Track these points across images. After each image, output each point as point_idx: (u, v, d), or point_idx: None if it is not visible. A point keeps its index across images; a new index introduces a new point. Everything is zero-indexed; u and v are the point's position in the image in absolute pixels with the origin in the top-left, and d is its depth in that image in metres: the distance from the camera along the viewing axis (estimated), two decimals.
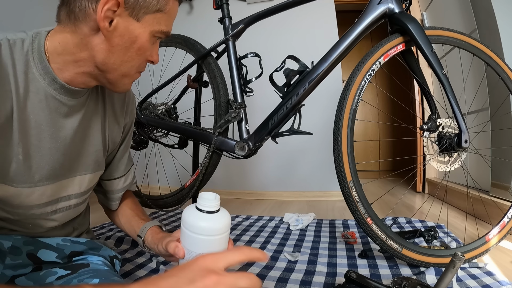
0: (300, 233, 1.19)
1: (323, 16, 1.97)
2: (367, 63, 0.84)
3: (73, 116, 0.52)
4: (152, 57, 0.52)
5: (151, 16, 0.47)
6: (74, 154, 0.54)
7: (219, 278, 0.33)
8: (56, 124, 0.49)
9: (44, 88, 0.46)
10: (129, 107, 0.67)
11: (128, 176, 0.72)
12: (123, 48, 0.47)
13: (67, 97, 0.49)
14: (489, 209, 1.21)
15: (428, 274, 0.75)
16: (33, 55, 0.45)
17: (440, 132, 0.86)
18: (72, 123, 0.52)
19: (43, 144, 0.48)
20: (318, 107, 1.87)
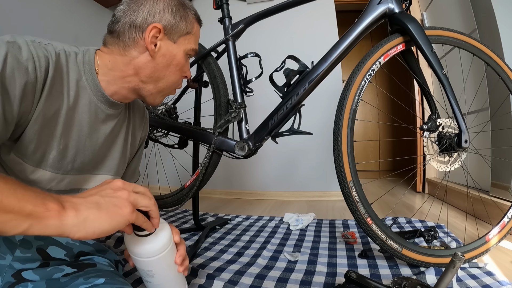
0: (300, 233, 1.19)
1: (323, 16, 1.97)
2: (367, 63, 0.84)
3: (107, 123, 0.61)
4: (186, 73, 0.65)
5: (183, 38, 0.61)
6: (102, 155, 0.62)
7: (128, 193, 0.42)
8: (93, 126, 0.58)
9: (90, 95, 0.56)
10: (146, 124, 0.77)
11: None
12: (165, 64, 0.59)
13: (106, 106, 0.59)
14: (489, 209, 1.21)
15: (428, 274, 0.75)
16: (84, 66, 0.55)
17: (440, 132, 0.86)
18: (105, 129, 0.61)
19: (81, 140, 0.56)
20: (318, 107, 1.87)
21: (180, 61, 0.61)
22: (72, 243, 0.59)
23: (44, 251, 0.54)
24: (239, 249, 1.03)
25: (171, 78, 0.62)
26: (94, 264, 0.58)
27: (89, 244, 0.62)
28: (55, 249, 0.55)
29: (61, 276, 0.52)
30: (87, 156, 0.58)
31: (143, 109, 0.76)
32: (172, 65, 0.60)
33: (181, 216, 1.54)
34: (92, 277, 0.51)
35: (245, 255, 0.97)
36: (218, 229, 1.29)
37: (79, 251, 0.59)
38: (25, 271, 0.51)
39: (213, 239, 1.15)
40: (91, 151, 0.59)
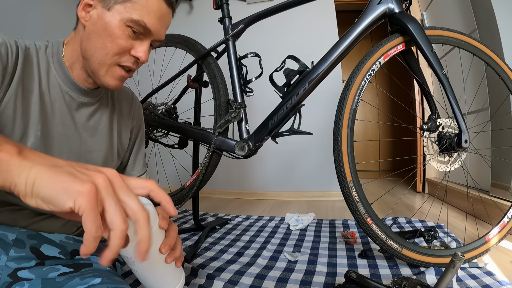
0: (300, 233, 1.19)
1: (323, 16, 1.97)
2: (367, 63, 0.84)
3: (81, 111, 0.59)
4: (136, 52, 0.55)
5: (121, 6, 0.53)
6: (84, 146, 0.60)
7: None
8: (67, 114, 0.57)
9: (60, 84, 0.56)
10: (136, 112, 0.73)
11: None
12: (96, 34, 0.53)
13: (77, 94, 0.58)
14: (489, 209, 1.21)
15: (428, 274, 0.75)
16: (53, 57, 0.56)
17: (440, 132, 0.86)
18: (79, 118, 0.59)
19: (55, 128, 0.56)
20: (318, 107, 1.87)
21: (114, 31, 0.52)
22: (65, 241, 0.58)
23: (38, 250, 0.53)
24: (239, 249, 1.03)
25: (105, 51, 0.53)
26: (91, 264, 0.58)
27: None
28: (49, 248, 0.55)
29: (56, 275, 0.52)
30: (63, 145, 0.58)
31: (131, 97, 0.73)
32: (104, 35, 0.52)
33: (181, 216, 1.54)
34: (88, 277, 0.51)
35: (245, 255, 0.97)
36: (218, 229, 1.29)
37: (73, 249, 0.58)
38: (21, 271, 0.50)
39: (213, 239, 1.15)
40: (68, 138, 0.58)
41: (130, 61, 0.56)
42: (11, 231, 0.51)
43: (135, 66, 0.57)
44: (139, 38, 0.55)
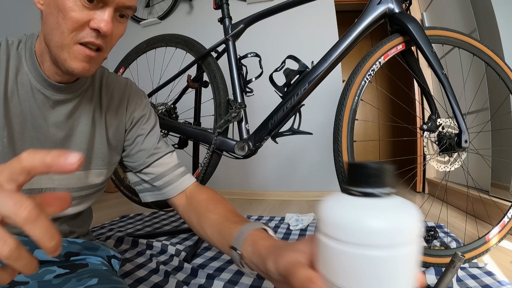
0: (300, 233, 1.19)
1: (323, 16, 1.97)
2: (367, 63, 0.84)
3: (58, 110, 0.53)
4: (96, 23, 0.44)
5: None
6: (62, 147, 0.54)
7: None
8: (40, 115, 0.52)
9: (31, 81, 0.50)
10: (131, 98, 0.65)
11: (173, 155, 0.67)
12: (50, 15, 0.45)
13: (50, 91, 0.51)
14: (489, 209, 1.21)
15: (428, 274, 0.75)
16: (25, 52, 0.50)
17: (440, 132, 0.86)
18: (55, 118, 0.53)
19: (26, 132, 0.51)
20: (318, 107, 1.87)
21: (64, 4, 0.43)
22: None
23: None
24: None
25: (59, 30, 0.44)
26: (86, 264, 0.57)
27: (78, 243, 0.59)
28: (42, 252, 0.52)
29: (52, 277, 0.52)
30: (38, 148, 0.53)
31: (125, 84, 0.65)
32: (56, 12, 0.44)
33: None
34: (85, 278, 0.50)
35: None
36: None
37: (67, 251, 0.57)
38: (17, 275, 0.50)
39: None
40: (40, 144, 0.52)
41: (92, 36, 0.45)
42: None
43: (99, 41, 0.46)
44: (98, 7, 0.45)
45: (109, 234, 1.17)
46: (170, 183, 0.64)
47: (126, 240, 1.06)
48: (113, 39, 0.49)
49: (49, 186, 0.53)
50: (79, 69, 0.47)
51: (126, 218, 1.46)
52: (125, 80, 0.66)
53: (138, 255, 0.95)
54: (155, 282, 0.77)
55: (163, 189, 0.65)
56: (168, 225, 1.36)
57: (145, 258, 0.93)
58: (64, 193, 0.27)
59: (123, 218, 1.46)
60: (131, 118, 0.65)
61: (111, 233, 1.19)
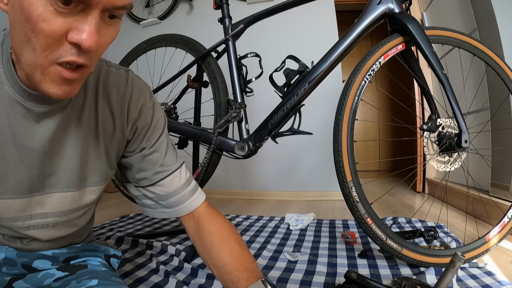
0: (300, 233, 1.19)
1: (323, 16, 1.97)
2: (367, 63, 0.84)
3: (45, 124, 0.43)
4: (75, 36, 0.33)
5: None
6: (49, 168, 0.46)
7: None
8: (23, 132, 0.42)
9: (9, 93, 0.40)
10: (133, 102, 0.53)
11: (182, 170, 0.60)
12: (16, 22, 0.34)
13: (32, 103, 0.41)
14: (489, 209, 1.21)
15: (428, 274, 0.75)
16: (3, 56, 0.40)
17: (440, 132, 0.86)
18: (43, 132, 0.43)
19: (8, 154, 0.42)
20: (318, 107, 1.87)
21: (31, 12, 0.31)
22: (58, 252, 0.53)
23: (30, 266, 0.51)
24: None
25: (30, 46, 0.33)
26: (86, 265, 0.56)
27: (77, 247, 0.58)
28: (41, 262, 0.52)
29: (52, 281, 0.51)
30: (22, 173, 0.44)
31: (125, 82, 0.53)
32: (23, 21, 0.32)
33: None
34: (84, 279, 0.50)
35: None
36: None
37: (66, 257, 0.56)
38: (16, 281, 0.49)
39: None
40: (26, 166, 0.44)
41: (71, 53, 0.34)
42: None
43: (82, 58, 0.35)
44: (77, 10, 0.32)
45: (109, 234, 1.17)
46: (177, 204, 0.58)
47: (126, 240, 1.06)
48: (101, 49, 0.37)
49: (40, 211, 0.48)
50: (58, 94, 0.37)
51: (126, 218, 1.47)
52: (125, 75, 0.54)
53: (138, 255, 0.95)
54: (155, 282, 0.77)
55: (169, 208, 0.59)
56: (168, 225, 1.36)
57: (145, 258, 0.93)
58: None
59: (123, 218, 1.46)
60: (134, 126, 0.54)
61: (111, 233, 1.19)
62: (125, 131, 0.54)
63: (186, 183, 0.59)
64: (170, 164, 0.58)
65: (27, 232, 0.48)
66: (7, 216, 0.45)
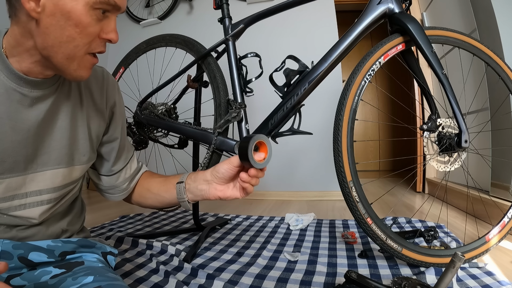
0: (300, 233, 1.19)
1: (323, 16, 1.97)
2: (367, 63, 0.84)
3: (37, 108, 0.51)
4: (107, 35, 0.48)
5: None
6: (41, 147, 0.53)
7: None
8: (19, 116, 0.49)
9: (4, 82, 0.47)
10: (109, 90, 0.64)
11: (131, 164, 0.71)
12: (58, 27, 0.43)
13: (28, 88, 0.49)
14: (489, 209, 1.21)
15: (428, 274, 0.75)
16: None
17: (440, 132, 0.86)
18: (36, 116, 0.51)
19: (5, 137, 0.48)
20: (318, 107, 1.87)
21: (81, 20, 0.44)
22: (53, 245, 0.55)
23: (26, 259, 0.52)
24: (239, 249, 1.03)
25: (73, 44, 0.45)
26: (82, 262, 0.57)
27: (73, 241, 0.59)
28: (36, 254, 0.53)
29: (49, 278, 0.51)
30: (19, 153, 0.50)
31: (101, 74, 0.64)
32: (69, 26, 0.44)
33: (181, 216, 1.54)
34: (80, 276, 0.50)
35: (245, 255, 0.97)
36: (218, 229, 1.29)
37: (62, 251, 0.57)
38: (13, 279, 0.50)
39: (213, 239, 1.15)
40: (22, 146, 0.50)
41: (102, 45, 0.49)
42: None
43: (104, 48, 0.50)
44: (105, 17, 0.47)
45: (109, 234, 1.17)
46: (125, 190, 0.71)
47: (126, 240, 1.06)
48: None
49: (35, 189, 0.53)
50: (86, 76, 0.50)
51: (126, 218, 1.47)
52: (100, 70, 0.64)
53: (138, 255, 0.95)
54: (155, 282, 0.77)
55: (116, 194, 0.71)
56: (168, 225, 1.36)
57: (145, 258, 0.93)
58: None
59: (123, 218, 1.46)
60: (111, 112, 0.65)
61: (111, 233, 1.19)
62: (105, 115, 0.64)
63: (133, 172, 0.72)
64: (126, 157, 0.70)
65: (23, 212, 0.52)
66: (6, 195, 0.50)
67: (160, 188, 0.68)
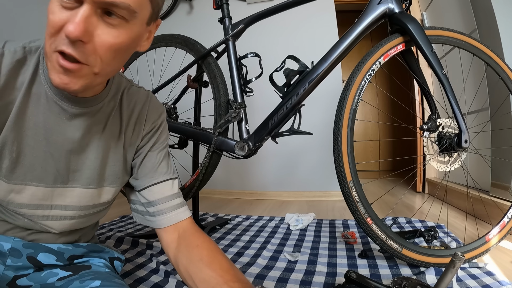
0: (300, 233, 1.19)
1: (323, 16, 1.97)
2: (367, 63, 0.84)
3: (75, 124, 0.49)
4: (67, 26, 0.36)
5: None
6: (74, 164, 0.52)
7: None
8: (55, 129, 0.48)
9: (46, 92, 0.46)
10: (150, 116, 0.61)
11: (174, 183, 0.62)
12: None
13: (68, 104, 0.47)
14: (489, 209, 1.21)
15: (428, 274, 0.75)
16: (43, 59, 0.46)
17: (440, 132, 0.86)
18: (72, 132, 0.50)
19: (39, 145, 0.48)
20: (318, 107, 1.87)
21: (50, 5, 0.38)
22: (64, 247, 0.55)
23: (35, 259, 0.52)
24: (239, 249, 1.03)
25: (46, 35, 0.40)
26: (89, 266, 0.57)
27: (82, 246, 0.59)
28: (46, 255, 0.53)
29: (55, 280, 0.52)
30: (50, 164, 0.49)
31: (146, 97, 0.61)
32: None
33: None
34: (87, 280, 0.50)
35: (245, 255, 0.97)
36: (218, 229, 1.29)
37: (71, 255, 0.57)
38: (20, 279, 0.50)
39: (213, 239, 1.15)
40: (54, 159, 0.49)
41: (64, 43, 0.37)
42: (5, 240, 0.50)
43: (71, 49, 0.37)
44: (76, 6, 0.37)
45: (109, 234, 1.17)
46: (162, 213, 0.59)
47: (126, 240, 1.06)
48: (100, 49, 0.39)
49: (61, 203, 0.52)
50: (56, 81, 0.40)
51: (126, 218, 1.47)
52: (146, 94, 0.62)
53: (138, 255, 0.95)
54: (155, 282, 0.77)
55: (154, 216, 0.60)
56: None
57: (145, 258, 0.93)
58: None
59: (123, 218, 1.46)
60: (146, 136, 0.61)
61: (111, 233, 1.19)
62: (140, 139, 0.60)
63: (174, 195, 0.61)
64: (162, 173, 0.61)
65: (45, 222, 0.52)
66: (31, 203, 0.49)
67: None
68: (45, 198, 0.50)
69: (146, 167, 0.60)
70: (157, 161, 0.61)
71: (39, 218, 0.51)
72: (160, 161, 0.62)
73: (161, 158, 0.62)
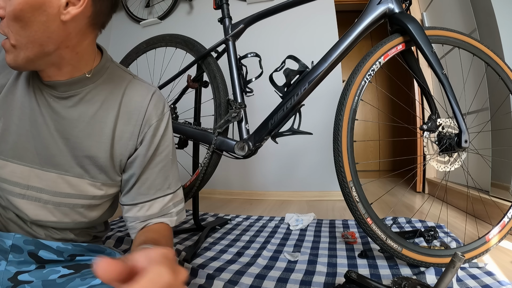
0: (300, 233, 1.19)
1: (323, 16, 1.97)
2: (367, 63, 0.84)
3: (57, 109, 0.51)
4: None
5: None
6: (53, 148, 0.52)
7: None
8: (38, 110, 0.51)
9: (32, 75, 0.50)
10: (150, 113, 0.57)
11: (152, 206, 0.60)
12: None
13: (46, 88, 0.51)
14: (489, 209, 1.21)
15: (428, 274, 0.75)
16: None
17: (440, 132, 0.86)
18: (52, 116, 0.51)
19: (23, 125, 0.51)
20: (318, 107, 1.87)
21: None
22: (63, 247, 0.55)
23: (36, 255, 0.53)
24: (239, 249, 1.03)
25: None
26: (91, 264, 0.57)
27: (82, 246, 0.59)
28: (47, 252, 0.54)
29: (57, 277, 0.52)
30: (31, 144, 0.51)
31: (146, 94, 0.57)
32: None
33: None
34: (89, 278, 0.51)
35: (245, 255, 0.97)
36: (218, 229, 1.29)
37: (71, 254, 0.57)
38: (21, 274, 0.50)
39: (213, 239, 1.15)
40: (35, 140, 0.51)
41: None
42: (6, 237, 0.51)
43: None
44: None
45: (109, 234, 1.17)
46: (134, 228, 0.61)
47: (126, 240, 1.06)
48: (7, 19, 0.42)
49: (36, 185, 0.52)
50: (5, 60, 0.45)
51: None
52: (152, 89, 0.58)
53: None
54: None
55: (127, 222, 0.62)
56: None
57: None
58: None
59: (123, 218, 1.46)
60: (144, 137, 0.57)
61: (111, 233, 1.19)
62: (136, 138, 0.57)
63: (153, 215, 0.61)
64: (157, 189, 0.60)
65: (21, 202, 0.52)
66: (10, 179, 0.52)
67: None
68: (22, 177, 0.52)
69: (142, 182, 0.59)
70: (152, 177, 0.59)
71: (16, 196, 0.52)
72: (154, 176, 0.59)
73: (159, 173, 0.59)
